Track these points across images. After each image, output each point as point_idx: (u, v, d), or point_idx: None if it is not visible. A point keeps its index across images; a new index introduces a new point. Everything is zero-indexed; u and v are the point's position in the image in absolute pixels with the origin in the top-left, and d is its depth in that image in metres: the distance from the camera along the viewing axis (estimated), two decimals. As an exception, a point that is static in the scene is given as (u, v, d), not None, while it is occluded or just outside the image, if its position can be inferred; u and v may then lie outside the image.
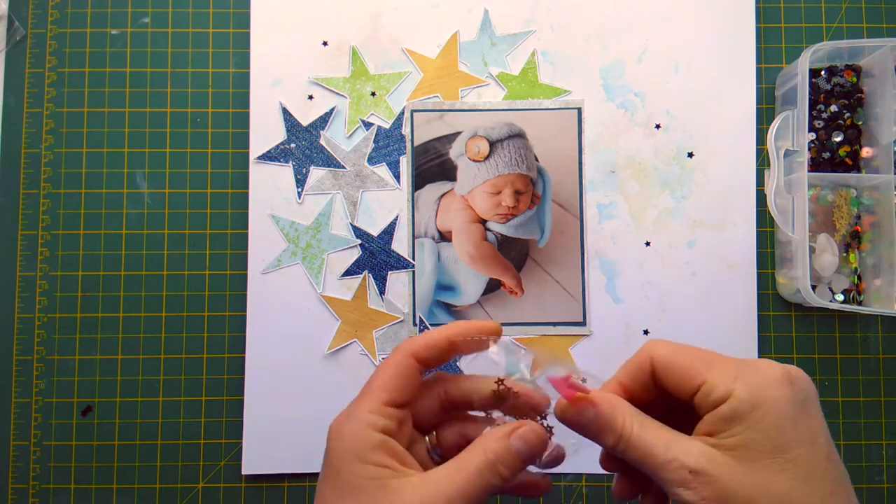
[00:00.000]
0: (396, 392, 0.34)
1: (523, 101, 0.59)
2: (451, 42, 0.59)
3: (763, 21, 0.60)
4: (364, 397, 0.34)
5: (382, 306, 0.58)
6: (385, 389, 0.34)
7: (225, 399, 0.58)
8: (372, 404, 0.33)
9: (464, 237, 0.59)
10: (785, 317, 0.58)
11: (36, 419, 0.58)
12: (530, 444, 0.33)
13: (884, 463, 0.57)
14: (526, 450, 0.33)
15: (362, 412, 0.33)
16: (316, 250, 0.58)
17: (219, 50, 0.60)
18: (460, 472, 0.32)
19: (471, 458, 0.32)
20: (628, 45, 0.59)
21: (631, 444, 0.31)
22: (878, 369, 0.58)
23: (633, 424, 0.31)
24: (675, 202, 0.58)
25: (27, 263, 0.59)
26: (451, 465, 0.33)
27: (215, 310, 0.58)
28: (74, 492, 0.57)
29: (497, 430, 0.34)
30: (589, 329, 0.58)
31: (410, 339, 0.36)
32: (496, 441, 0.33)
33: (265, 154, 0.59)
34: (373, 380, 0.35)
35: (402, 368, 0.35)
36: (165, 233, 0.59)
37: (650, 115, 0.59)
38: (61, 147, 0.59)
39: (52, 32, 0.60)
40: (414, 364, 0.35)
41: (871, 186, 0.58)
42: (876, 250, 0.57)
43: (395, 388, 0.34)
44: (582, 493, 0.57)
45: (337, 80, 0.59)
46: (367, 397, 0.34)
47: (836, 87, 0.58)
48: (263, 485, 0.57)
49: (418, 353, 0.35)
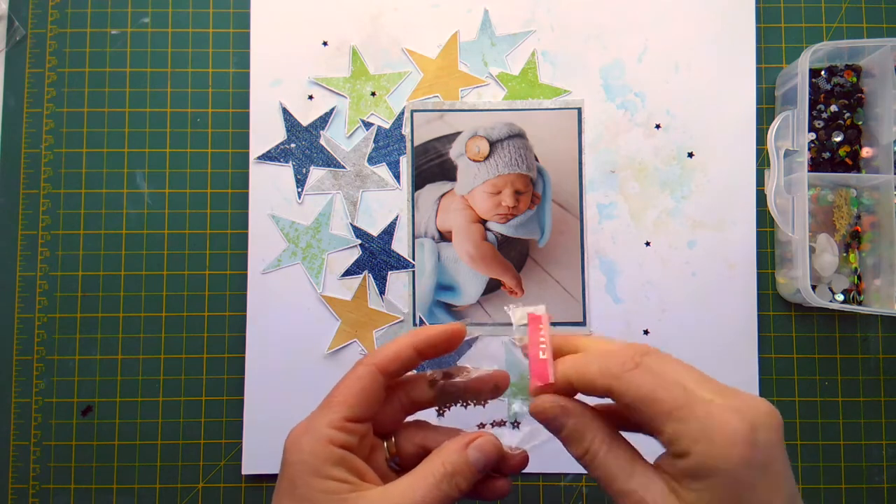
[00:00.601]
0: (359, 408, 0.34)
1: (523, 101, 0.59)
2: (451, 42, 0.59)
3: (763, 21, 0.60)
4: (324, 410, 0.34)
5: (382, 306, 0.58)
6: (347, 405, 0.34)
7: (225, 399, 0.58)
8: (333, 419, 0.33)
9: (464, 237, 0.59)
10: (785, 317, 0.58)
11: (36, 419, 0.58)
12: (487, 454, 0.34)
13: (884, 463, 0.57)
14: (483, 460, 0.34)
15: (322, 426, 0.33)
16: (316, 250, 0.58)
17: (219, 50, 0.60)
18: (419, 484, 0.32)
19: (429, 470, 0.33)
20: (628, 45, 0.59)
21: (595, 464, 0.31)
22: (878, 369, 0.58)
23: (602, 446, 0.31)
24: (675, 202, 0.58)
25: (27, 263, 0.59)
26: (409, 477, 0.33)
27: (215, 310, 0.58)
28: (74, 492, 0.57)
29: (454, 441, 0.34)
30: (589, 329, 0.58)
31: (375, 352, 0.36)
32: (454, 453, 0.33)
33: (265, 154, 0.59)
34: (335, 392, 0.35)
35: (365, 382, 0.35)
36: (165, 233, 0.59)
37: (650, 115, 0.59)
38: (61, 147, 0.59)
39: (52, 32, 0.60)
40: (378, 378, 0.35)
41: (871, 186, 0.58)
42: (876, 250, 0.57)
43: (357, 405, 0.34)
44: (582, 493, 0.57)
45: (337, 80, 0.59)
46: (327, 411, 0.34)
47: (836, 87, 0.58)
48: (263, 485, 0.57)
49: (384, 366, 0.35)
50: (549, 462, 0.56)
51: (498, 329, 0.58)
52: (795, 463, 0.57)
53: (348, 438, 0.33)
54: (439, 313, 0.58)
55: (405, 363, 0.36)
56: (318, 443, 0.33)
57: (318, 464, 0.32)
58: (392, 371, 0.36)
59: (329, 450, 0.32)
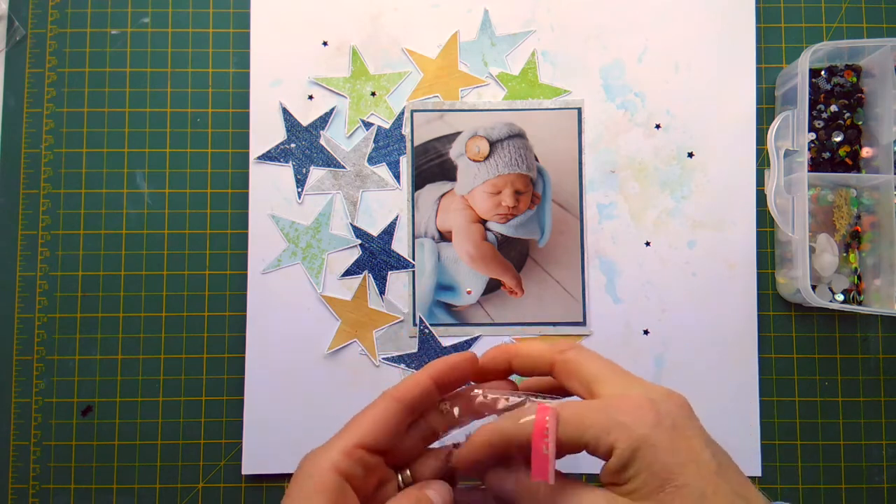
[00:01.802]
0: (373, 435, 0.34)
1: (523, 101, 0.59)
2: (451, 42, 0.59)
3: (763, 21, 0.60)
4: (340, 435, 0.35)
5: (382, 306, 0.58)
6: (362, 432, 0.34)
7: (225, 399, 0.58)
8: (345, 444, 0.34)
9: (464, 237, 0.59)
10: (785, 317, 0.58)
11: (36, 419, 0.58)
12: (444, 498, 0.35)
13: (884, 463, 0.57)
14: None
15: (333, 450, 0.34)
16: (316, 250, 0.58)
17: (219, 50, 0.60)
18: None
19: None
20: (628, 45, 0.59)
21: (539, 499, 0.33)
22: (878, 369, 0.58)
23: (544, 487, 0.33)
24: (675, 202, 0.58)
25: (27, 263, 0.59)
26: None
27: (215, 310, 0.58)
28: (74, 492, 0.57)
29: (410, 489, 0.35)
30: (589, 329, 0.58)
31: (396, 385, 0.37)
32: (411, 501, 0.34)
33: (265, 154, 0.59)
34: (352, 420, 0.35)
35: (381, 411, 0.35)
36: (165, 233, 0.59)
37: (650, 115, 0.59)
38: (61, 147, 0.59)
39: (52, 32, 0.60)
40: (396, 407, 0.36)
41: (871, 186, 0.58)
42: (876, 250, 0.57)
43: (371, 432, 0.34)
44: (582, 493, 0.57)
45: (337, 80, 0.59)
46: (342, 435, 0.34)
47: (836, 87, 0.58)
48: (263, 485, 0.57)
49: (401, 396, 0.36)
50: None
51: (498, 329, 0.58)
52: (795, 463, 0.57)
53: (354, 467, 0.33)
54: (439, 313, 0.58)
55: (423, 394, 0.37)
56: (321, 466, 0.33)
57: (310, 488, 0.32)
58: (409, 402, 0.36)
59: (328, 476, 0.33)
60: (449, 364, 0.37)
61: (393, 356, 0.57)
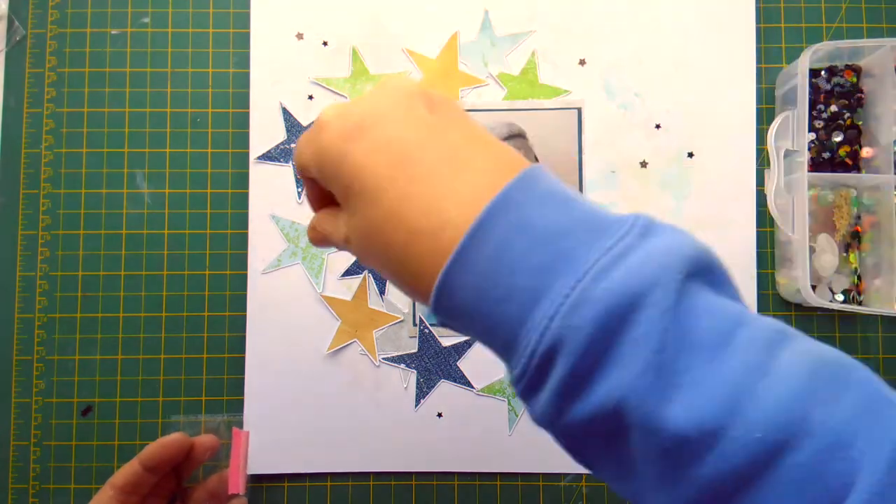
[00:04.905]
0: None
1: (523, 101, 0.59)
2: (451, 42, 0.59)
3: (763, 21, 0.60)
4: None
5: (382, 306, 0.58)
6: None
7: (225, 399, 0.58)
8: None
9: (464, 237, 0.59)
10: (785, 317, 0.58)
11: (36, 419, 0.58)
12: None
13: (884, 463, 0.57)
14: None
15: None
16: (316, 250, 0.58)
17: (219, 50, 0.60)
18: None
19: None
20: (628, 45, 0.59)
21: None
22: (878, 369, 0.58)
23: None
24: (675, 202, 0.58)
25: (27, 263, 0.59)
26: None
27: (215, 310, 0.58)
28: (74, 492, 0.57)
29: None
30: (589, 329, 0.58)
31: (115, 472, 0.48)
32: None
33: (265, 154, 0.59)
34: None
35: (105, 501, 0.46)
36: (165, 233, 0.59)
37: (650, 115, 0.59)
38: (61, 147, 0.59)
39: (52, 32, 0.60)
40: (111, 496, 0.46)
41: (871, 186, 0.58)
42: (876, 250, 0.57)
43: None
44: (582, 493, 0.57)
45: (337, 80, 0.59)
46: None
47: (836, 87, 0.58)
48: (263, 485, 0.57)
49: (119, 486, 0.46)
50: (549, 462, 0.56)
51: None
52: (795, 463, 0.57)
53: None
54: (439, 313, 0.58)
55: (138, 480, 0.47)
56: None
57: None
58: (121, 486, 0.46)
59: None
60: (159, 444, 0.48)
61: (393, 356, 0.57)
